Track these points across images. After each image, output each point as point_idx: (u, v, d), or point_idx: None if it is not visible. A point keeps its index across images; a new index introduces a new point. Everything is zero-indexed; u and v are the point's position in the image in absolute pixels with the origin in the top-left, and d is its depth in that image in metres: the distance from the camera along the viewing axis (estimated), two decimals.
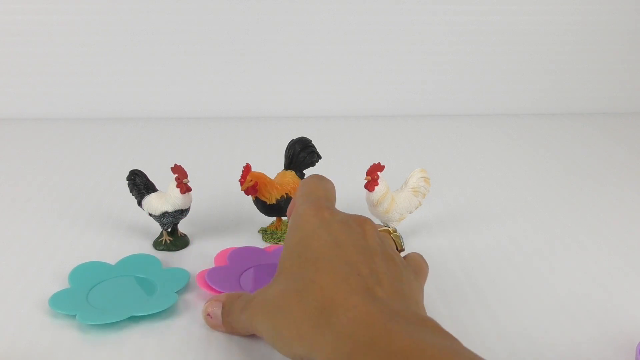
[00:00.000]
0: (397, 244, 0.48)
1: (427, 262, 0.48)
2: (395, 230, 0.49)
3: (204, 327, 0.49)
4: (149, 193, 0.61)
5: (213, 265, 0.57)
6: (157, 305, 0.50)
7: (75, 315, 0.49)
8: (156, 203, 0.60)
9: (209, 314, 0.47)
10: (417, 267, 0.46)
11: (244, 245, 0.62)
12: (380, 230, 0.47)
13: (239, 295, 0.46)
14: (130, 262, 0.58)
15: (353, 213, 0.45)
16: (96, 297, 0.52)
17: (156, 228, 0.64)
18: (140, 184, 0.62)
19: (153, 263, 0.58)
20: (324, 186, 0.48)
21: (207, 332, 0.49)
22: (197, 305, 0.52)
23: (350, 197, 0.75)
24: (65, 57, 1.05)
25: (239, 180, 0.60)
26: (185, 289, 0.54)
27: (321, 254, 0.40)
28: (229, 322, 0.46)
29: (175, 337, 0.48)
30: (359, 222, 0.44)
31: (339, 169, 0.84)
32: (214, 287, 0.52)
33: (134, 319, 0.49)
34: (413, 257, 0.47)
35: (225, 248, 0.60)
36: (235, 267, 0.56)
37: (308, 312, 0.37)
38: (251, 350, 0.47)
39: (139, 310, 0.49)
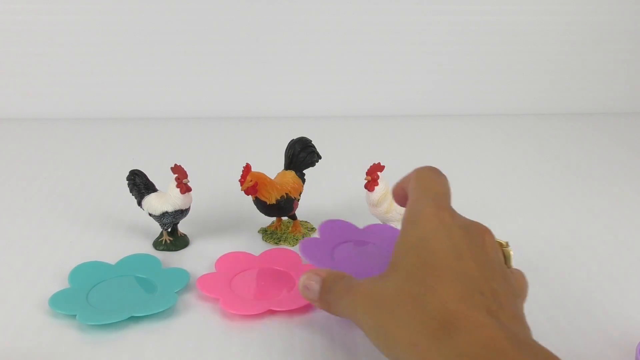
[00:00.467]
0: (506, 260, 0.44)
1: None
2: (507, 245, 0.44)
3: (203, 327, 0.49)
4: (149, 193, 0.61)
5: (213, 270, 0.57)
6: (157, 306, 0.50)
7: (75, 315, 0.49)
8: (156, 203, 0.60)
9: (306, 286, 0.45)
10: (520, 287, 0.42)
11: (244, 245, 0.63)
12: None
13: (342, 277, 0.44)
14: (130, 262, 0.58)
15: (473, 220, 0.43)
16: (96, 297, 0.52)
17: (156, 228, 0.64)
18: (140, 184, 0.62)
19: (153, 263, 0.58)
20: (443, 182, 0.45)
21: (207, 332, 0.49)
22: (197, 305, 0.52)
23: (350, 197, 0.75)
24: (65, 57, 1.05)
25: (239, 180, 0.60)
26: (185, 289, 0.54)
27: (442, 261, 0.37)
28: (327, 300, 0.43)
29: (175, 337, 0.48)
30: (480, 232, 0.41)
31: (339, 169, 0.84)
32: (307, 259, 0.52)
33: (134, 319, 0.49)
34: (517, 275, 0.43)
35: (226, 252, 0.60)
36: (328, 240, 0.56)
37: (426, 322, 0.34)
38: (251, 350, 0.47)
39: (139, 311, 0.49)
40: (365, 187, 0.61)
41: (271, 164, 0.67)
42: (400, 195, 0.47)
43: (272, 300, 0.52)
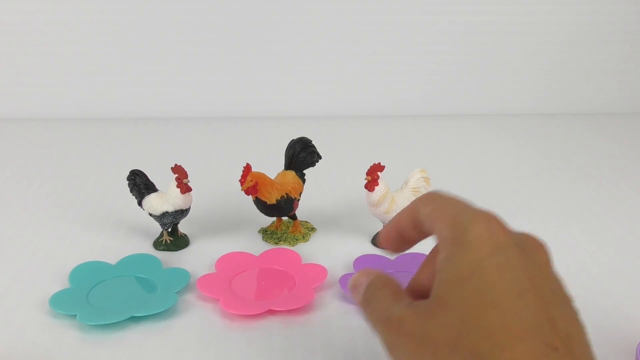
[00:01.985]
0: None
1: None
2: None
3: (204, 328, 0.49)
4: (149, 193, 0.61)
5: (214, 270, 0.57)
6: (157, 306, 0.50)
7: (76, 315, 0.49)
8: (156, 203, 0.60)
9: (353, 287, 0.38)
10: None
11: (244, 245, 0.63)
12: None
13: (387, 284, 0.37)
14: (131, 262, 0.58)
15: (523, 232, 0.36)
16: (96, 297, 0.52)
17: (156, 228, 0.64)
18: (140, 184, 0.62)
19: (153, 263, 0.58)
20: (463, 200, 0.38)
21: (207, 332, 0.49)
22: (197, 305, 0.52)
23: (350, 197, 0.75)
24: (65, 57, 1.05)
25: (239, 180, 0.60)
26: (185, 289, 0.54)
27: (505, 300, 0.31)
28: (368, 311, 0.36)
29: (176, 337, 0.48)
30: (537, 249, 0.35)
31: (339, 169, 0.84)
32: (346, 292, 0.52)
33: (134, 319, 0.49)
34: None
35: (226, 253, 0.60)
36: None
37: None
38: (251, 350, 0.47)
39: (139, 311, 0.49)
40: (365, 187, 0.61)
41: (271, 164, 0.67)
42: (399, 233, 0.39)
43: (272, 301, 0.52)
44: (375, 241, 0.64)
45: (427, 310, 0.33)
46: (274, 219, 0.66)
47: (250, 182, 0.60)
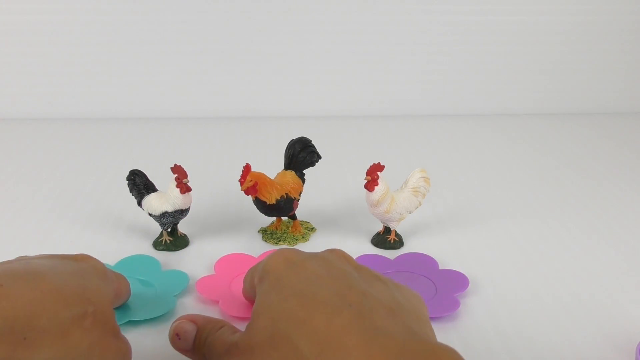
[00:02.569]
0: None
1: None
2: None
3: None
4: (148, 193, 0.61)
5: (213, 271, 0.57)
6: (155, 310, 0.49)
7: None
8: (156, 203, 0.60)
9: (178, 334, 0.41)
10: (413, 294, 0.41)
11: (244, 245, 0.63)
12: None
13: (220, 327, 0.40)
14: (130, 264, 0.57)
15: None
16: None
17: (156, 228, 0.64)
18: (140, 184, 0.62)
19: (152, 265, 0.57)
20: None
21: None
22: (196, 308, 0.52)
23: (350, 197, 0.75)
24: (66, 57, 1.05)
25: (239, 180, 0.60)
26: (184, 292, 0.53)
27: (302, 289, 0.36)
28: (203, 354, 0.40)
29: None
30: (328, 252, 0.42)
31: (339, 169, 0.84)
32: None
33: (132, 323, 0.48)
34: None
35: (225, 253, 0.59)
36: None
37: None
38: None
39: (137, 315, 0.49)
40: (365, 187, 0.61)
41: (271, 164, 0.67)
42: (248, 289, 0.45)
43: None
44: (375, 241, 0.64)
45: (250, 325, 0.37)
46: (274, 219, 0.66)
47: (250, 182, 0.60)
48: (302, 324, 0.34)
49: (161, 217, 0.60)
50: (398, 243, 0.63)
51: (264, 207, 0.62)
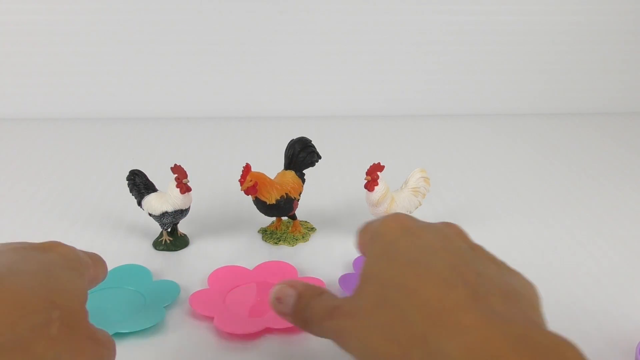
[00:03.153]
0: None
1: None
2: None
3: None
4: (148, 193, 0.61)
5: (213, 272, 0.56)
6: (144, 322, 0.48)
7: None
8: (156, 203, 0.60)
9: (278, 298, 0.40)
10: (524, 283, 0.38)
11: (244, 245, 0.63)
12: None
13: (321, 292, 0.40)
14: (120, 273, 0.56)
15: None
16: None
17: (156, 228, 0.64)
18: (140, 184, 0.62)
19: (143, 275, 0.56)
20: None
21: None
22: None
23: (350, 197, 0.75)
24: (66, 57, 1.05)
25: (239, 180, 0.60)
26: (174, 303, 0.52)
27: (416, 258, 0.35)
28: (303, 318, 0.39)
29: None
30: (445, 225, 0.40)
31: (339, 169, 0.84)
32: (346, 292, 0.52)
33: (119, 335, 0.47)
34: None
35: (225, 252, 0.59)
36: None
37: (412, 332, 0.31)
38: None
39: (125, 327, 0.47)
40: (365, 187, 0.61)
41: (271, 164, 0.67)
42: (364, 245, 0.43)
43: (269, 318, 0.49)
44: None
45: (355, 290, 0.36)
46: (274, 218, 0.66)
47: (250, 182, 0.60)
48: (413, 293, 0.32)
49: (161, 217, 0.60)
50: None
51: (264, 207, 0.62)
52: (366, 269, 0.37)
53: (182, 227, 0.64)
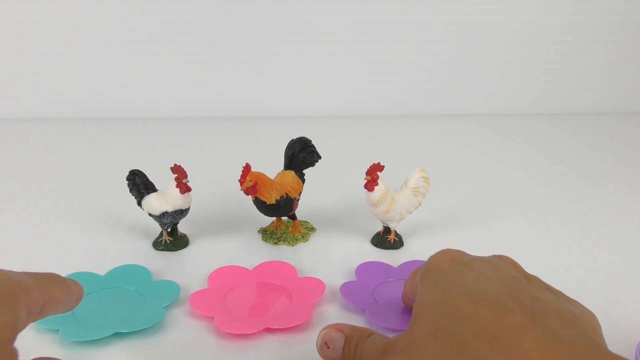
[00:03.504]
0: None
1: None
2: None
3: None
4: (148, 193, 0.61)
5: (213, 271, 0.56)
6: (144, 322, 0.48)
7: (59, 330, 0.47)
8: (156, 203, 0.60)
9: (326, 343, 0.40)
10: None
11: (244, 245, 0.63)
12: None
13: (370, 334, 0.40)
14: (120, 274, 0.56)
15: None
16: (82, 310, 0.49)
17: (156, 228, 0.64)
18: (140, 184, 0.62)
19: (143, 275, 0.56)
20: None
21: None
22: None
23: (350, 197, 0.75)
24: (66, 57, 1.05)
25: (239, 180, 0.60)
26: (174, 303, 0.52)
27: (469, 286, 0.35)
28: (362, 356, 0.39)
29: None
30: (495, 257, 0.40)
31: (339, 169, 0.84)
32: (349, 301, 0.51)
33: (119, 335, 0.47)
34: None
35: (225, 251, 0.59)
36: (366, 282, 0.55)
37: (471, 358, 0.31)
38: None
39: (125, 327, 0.47)
40: (365, 187, 0.61)
41: (271, 164, 0.67)
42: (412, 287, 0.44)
43: (269, 318, 0.50)
44: (375, 241, 0.64)
45: (409, 325, 0.36)
46: (274, 218, 0.66)
47: (250, 182, 0.60)
48: (469, 320, 0.32)
49: (161, 217, 0.60)
50: (398, 243, 0.63)
51: (263, 207, 0.62)
52: (419, 302, 0.37)
53: (182, 227, 0.64)
